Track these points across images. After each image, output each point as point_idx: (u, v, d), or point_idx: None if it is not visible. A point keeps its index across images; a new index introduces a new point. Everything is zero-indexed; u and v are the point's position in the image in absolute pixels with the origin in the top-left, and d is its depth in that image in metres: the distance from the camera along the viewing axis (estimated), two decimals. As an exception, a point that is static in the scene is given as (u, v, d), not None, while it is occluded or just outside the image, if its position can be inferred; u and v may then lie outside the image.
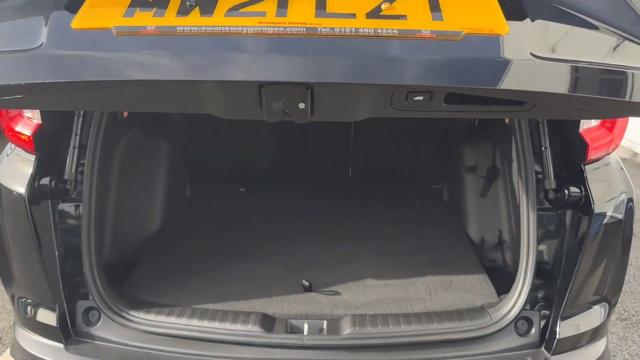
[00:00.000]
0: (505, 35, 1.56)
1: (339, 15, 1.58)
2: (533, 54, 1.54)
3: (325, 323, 2.28)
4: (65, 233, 2.33)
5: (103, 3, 1.64)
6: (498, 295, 2.50)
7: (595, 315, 2.33)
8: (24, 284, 2.36)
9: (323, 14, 1.58)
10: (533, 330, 2.28)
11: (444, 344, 2.23)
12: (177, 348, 2.22)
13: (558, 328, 2.24)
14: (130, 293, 2.48)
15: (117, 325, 2.28)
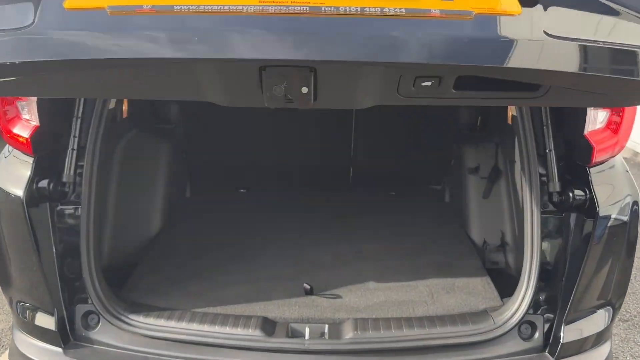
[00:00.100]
0: (518, 15, 1.51)
1: None
2: (547, 33, 1.49)
3: (327, 327, 2.27)
4: (64, 236, 2.31)
5: None
6: (501, 299, 2.49)
7: (600, 319, 2.32)
8: (22, 288, 2.34)
9: None
10: (537, 335, 2.27)
11: (447, 349, 2.22)
12: (176, 352, 2.21)
13: (562, 332, 2.23)
14: (130, 296, 2.47)
15: (116, 329, 2.26)
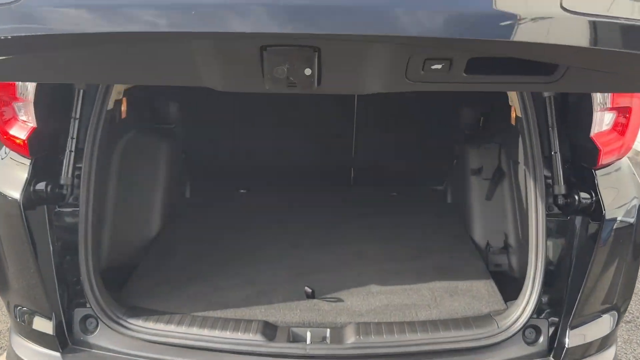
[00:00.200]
0: None
1: None
2: (564, 8, 1.42)
3: (329, 331, 2.24)
4: (62, 239, 2.28)
5: None
6: (505, 302, 2.46)
7: (605, 323, 2.29)
8: (20, 292, 2.31)
9: None
10: (541, 339, 2.25)
11: (451, 353, 2.20)
12: (176, 357, 2.18)
13: (567, 337, 2.21)
14: (129, 300, 2.44)
15: (115, 334, 2.24)
